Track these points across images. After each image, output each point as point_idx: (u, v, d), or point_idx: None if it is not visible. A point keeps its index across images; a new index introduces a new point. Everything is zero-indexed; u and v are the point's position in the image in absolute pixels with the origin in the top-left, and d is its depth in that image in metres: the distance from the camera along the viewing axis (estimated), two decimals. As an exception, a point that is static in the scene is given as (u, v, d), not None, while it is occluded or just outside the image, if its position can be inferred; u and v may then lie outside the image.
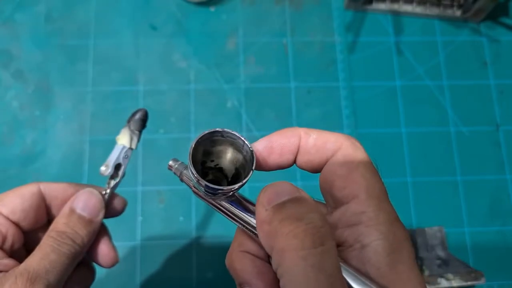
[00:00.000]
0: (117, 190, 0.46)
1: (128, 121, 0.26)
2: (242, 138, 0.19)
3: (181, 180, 0.23)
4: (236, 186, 0.19)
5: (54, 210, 0.25)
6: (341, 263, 0.17)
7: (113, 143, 0.47)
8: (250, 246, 0.22)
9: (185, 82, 0.50)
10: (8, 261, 0.22)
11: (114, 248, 0.26)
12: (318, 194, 0.22)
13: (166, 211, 0.46)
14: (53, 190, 0.24)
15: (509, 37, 0.54)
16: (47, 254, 0.21)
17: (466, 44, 0.53)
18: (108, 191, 0.25)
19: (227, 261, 0.23)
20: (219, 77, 0.51)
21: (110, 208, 0.26)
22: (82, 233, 0.23)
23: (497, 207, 0.48)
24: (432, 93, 0.51)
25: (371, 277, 0.17)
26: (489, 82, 0.52)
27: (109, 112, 0.48)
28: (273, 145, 0.21)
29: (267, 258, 0.22)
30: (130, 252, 0.44)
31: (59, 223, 0.23)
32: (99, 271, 0.44)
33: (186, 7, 0.53)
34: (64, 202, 0.24)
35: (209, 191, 0.20)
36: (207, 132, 0.19)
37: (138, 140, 0.27)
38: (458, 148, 0.49)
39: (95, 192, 0.25)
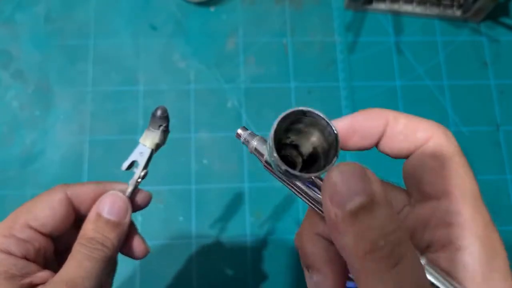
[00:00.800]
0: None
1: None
2: (326, 119, 0.18)
3: (250, 151, 0.21)
4: (317, 173, 0.17)
5: (82, 212, 0.24)
6: (427, 266, 0.16)
7: (110, 142, 0.47)
8: (323, 228, 0.20)
9: (185, 82, 0.50)
10: (43, 273, 0.22)
11: (143, 240, 0.26)
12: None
13: (166, 211, 0.46)
14: (80, 194, 0.24)
15: (509, 37, 0.54)
16: (80, 262, 0.21)
17: (466, 44, 0.53)
18: (129, 189, 0.25)
19: (296, 241, 0.21)
20: (219, 77, 0.51)
21: (135, 204, 0.26)
22: (111, 236, 0.23)
23: (497, 207, 0.48)
24: (432, 93, 0.51)
25: (462, 281, 0.16)
26: (489, 82, 0.52)
27: (109, 112, 0.48)
28: (356, 127, 0.20)
29: None
30: (130, 252, 0.44)
31: (88, 229, 0.23)
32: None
33: (186, 7, 0.53)
34: (92, 203, 0.24)
35: (287, 174, 0.18)
36: (292, 110, 0.18)
37: (162, 138, 0.27)
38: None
39: (119, 193, 0.24)
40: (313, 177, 0.19)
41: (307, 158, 0.20)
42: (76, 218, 0.24)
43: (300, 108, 0.18)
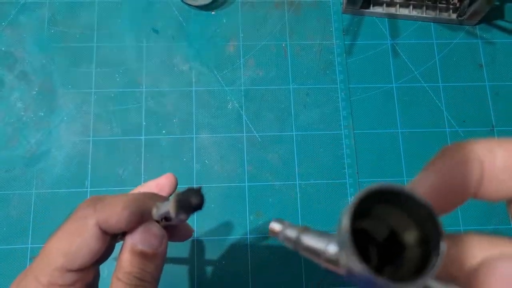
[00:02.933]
0: (123, 189, 0.47)
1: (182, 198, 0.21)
2: (428, 206, 0.13)
3: (297, 251, 0.15)
4: (420, 282, 0.12)
5: (116, 232, 0.22)
6: None
7: (113, 143, 0.48)
8: None
9: (186, 84, 0.51)
10: None
11: (188, 225, 0.25)
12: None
13: (168, 210, 0.46)
14: (112, 217, 0.21)
15: (504, 39, 0.54)
16: None
17: (461, 47, 0.54)
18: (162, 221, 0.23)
19: None
20: (220, 79, 0.51)
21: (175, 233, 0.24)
22: (149, 269, 0.21)
23: (493, 206, 0.49)
24: (428, 95, 0.52)
25: None
26: (485, 83, 0.53)
27: (112, 113, 0.49)
28: (445, 187, 0.14)
29: None
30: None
31: (124, 262, 0.21)
32: (101, 272, 0.44)
33: (187, 11, 0.53)
34: (125, 223, 0.21)
35: (368, 281, 0.12)
36: (370, 191, 0.12)
37: (184, 217, 0.22)
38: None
39: (154, 223, 0.22)
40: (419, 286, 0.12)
41: (382, 244, 0.15)
42: (111, 238, 0.22)
43: (393, 187, 0.13)
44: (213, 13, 0.54)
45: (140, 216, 0.21)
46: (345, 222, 0.12)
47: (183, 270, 0.45)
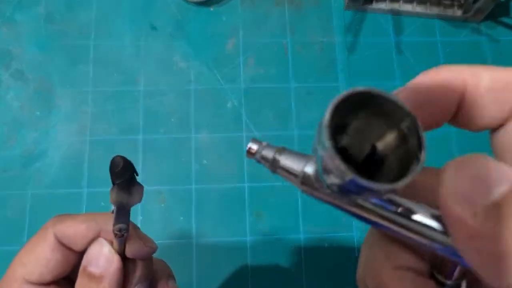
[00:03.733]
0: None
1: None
2: (406, 109, 0.12)
3: (273, 170, 0.15)
4: (400, 184, 0.12)
5: (79, 250, 0.22)
6: None
7: (110, 142, 0.48)
8: (408, 259, 0.15)
9: (185, 83, 0.50)
10: None
11: (143, 242, 0.24)
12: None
13: (167, 210, 0.46)
14: (71, 235, 0.21)
15: (510, 36, 0.54)
16: None
17: (466, 44, 0.53)
18: (115, 243, 0.22)
19: (371, 281, 0.16)
20: (219, 77, 0.51)
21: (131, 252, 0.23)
22: None
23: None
24: (432, 93, 0.51)
25: None
26: (490, 82, 0.52)
27: (110, 112, 0.49)
28: (422, 101, 0.14)
29: (431, 273, 0.15)
30: (130, 252, 0.45)
31: (77, 285, 0.21)
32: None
33: (186, 8, 0.53)
34: (86, 242, 0.21)
35: (350, 188, 0.12)
36: (352, 92, 0.12)
37: (121, 192, 0.21)
38: (458, 146, 0.50)
39: (103, 242, 0.21)
40: (392, 191, 0.12)
41: (362, 163, 0.14)
42: (77, 254, 0.22)
43: (367, 89, 0.12)
44: (212, 9, 0.53)
45: (98, 232, 0.21)
46: (326, 118, 0.12)
47: (183, 270, 0.45)
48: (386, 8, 0.53)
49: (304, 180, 0.14)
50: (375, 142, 0.14)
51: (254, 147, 0.15)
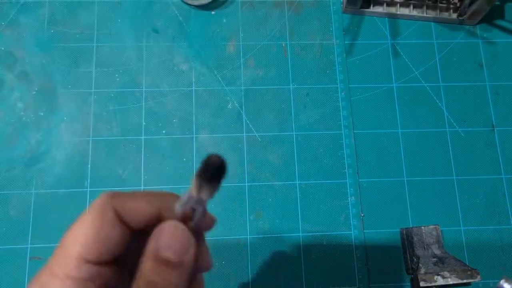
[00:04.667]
0: (124, 189, 0.47)
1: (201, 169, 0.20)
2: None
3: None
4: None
5: (136, 228, 0.21)
6: None
7: (113, 143, 0.48)
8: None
9: (186, 84, 0.51)
10: None
11: (209, 214, 0.23)
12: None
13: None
14: (131, 212, 0.20)
15: (505, 39, 0.54)
16: None
17: (462, 46, 0.54)
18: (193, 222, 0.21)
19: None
20: (220, 79, 0.51)
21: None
22: (174, 279, 0.19)
23: (493, 207, 0.49)
24: (429, 94, 0.52)
25: None
26: (485, 83, 0.53)
27: (112, 113, 0.49)
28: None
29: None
30: (132, 250, 0.45)
31: (146, 270, 0.19)
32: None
33: (187, 10, 0.53)
34: (146, 220, 0.20)
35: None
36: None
37: (210, 191, 0.21)
38: (454, 148, 0.50)
39: (180, 226, 0.20)
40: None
41: None
42: (131, 233, 0.21)
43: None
44: (213, 12, 0.54)
45: (158, 210, 0.20)
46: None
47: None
48: (383, 12, 0.54)
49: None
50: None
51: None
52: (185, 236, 0.19)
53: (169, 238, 0.19)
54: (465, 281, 0.42)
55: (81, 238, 0.19)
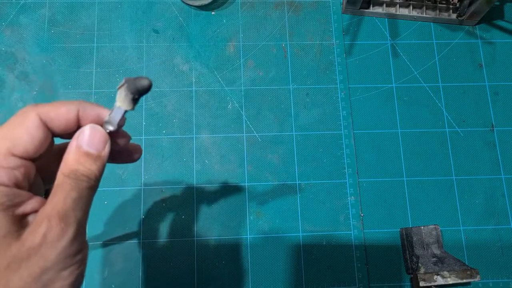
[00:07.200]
0: (124, 189, 0.47)
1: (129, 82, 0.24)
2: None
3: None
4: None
5: (57, 133, 0.24)
6: None
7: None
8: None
9: (187, 85, 0.51)
10: (33, 201, 0.22)
11: (134, 144, 0.27)
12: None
13: (168, 209, 0.47)
14: (54, 117, 0.23)
15: (504, 39, 0.55)
16: (68, 193, 0.22)
17: (461, 47, 0.54)
18: (109, 127, 0.24)
19: None
20: (220, 79, 0.52)
21: (121, 148, 0.26)
22: (93, 168, 0.23)
23: (492, 206, 0.49)
24: (428, 95, 0.52)
25: None
26: (484, 83, 0.53)
27: (112, 113, 0.49)
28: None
29: None
30: (132, 250, 0.45)
31: (70, 160, 0.23)
32: (101, 270, 0.44)
33: (187, 11, 0.54)
34: (67, 125, 0.24)
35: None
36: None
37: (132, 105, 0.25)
38: (453, 148, 0.50)
39: (98, 127, 0.24)
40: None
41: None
42: (52, 139, 0.25)
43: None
44: (213, 13, 0.54)
45: (76, 115, 0.24)
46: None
47: (184, 268, 0.45)
48: (383, 12, 0.54)
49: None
50: None
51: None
52: (102, 135, 0.24)
53: (90, 136, 0.23)
54: (464, 280, 0.42)
55: (9, 135, 0.22)
